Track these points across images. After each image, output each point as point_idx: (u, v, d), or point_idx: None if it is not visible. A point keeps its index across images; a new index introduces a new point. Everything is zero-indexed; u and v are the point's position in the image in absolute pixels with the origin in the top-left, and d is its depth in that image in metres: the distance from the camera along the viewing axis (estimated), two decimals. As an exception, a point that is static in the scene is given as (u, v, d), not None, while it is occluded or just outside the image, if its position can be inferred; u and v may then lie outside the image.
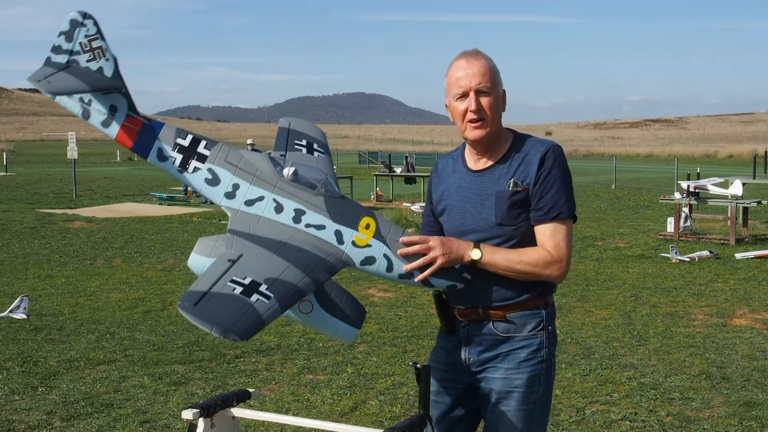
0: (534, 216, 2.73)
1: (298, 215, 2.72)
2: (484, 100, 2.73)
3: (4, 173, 36.97)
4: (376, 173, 24.80)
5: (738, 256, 12.13)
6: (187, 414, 2.89)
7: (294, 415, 5.22)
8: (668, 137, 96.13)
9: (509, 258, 2.70)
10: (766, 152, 26.38)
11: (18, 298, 8.20)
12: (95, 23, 2.75)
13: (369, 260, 2.70)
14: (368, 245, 2.70)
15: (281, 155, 3.14)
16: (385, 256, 2.69)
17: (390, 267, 2.69)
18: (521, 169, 2.75)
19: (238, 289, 2.41)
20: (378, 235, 2.70)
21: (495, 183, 2.77)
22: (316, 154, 3.27)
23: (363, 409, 5.54)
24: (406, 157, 25.38)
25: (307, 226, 2.71)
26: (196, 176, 2.80)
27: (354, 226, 2.71)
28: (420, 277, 2.67)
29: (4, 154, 42.69)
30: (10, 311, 8.04)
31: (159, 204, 22.51)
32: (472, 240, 2.76)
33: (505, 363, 2.79)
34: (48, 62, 2.74)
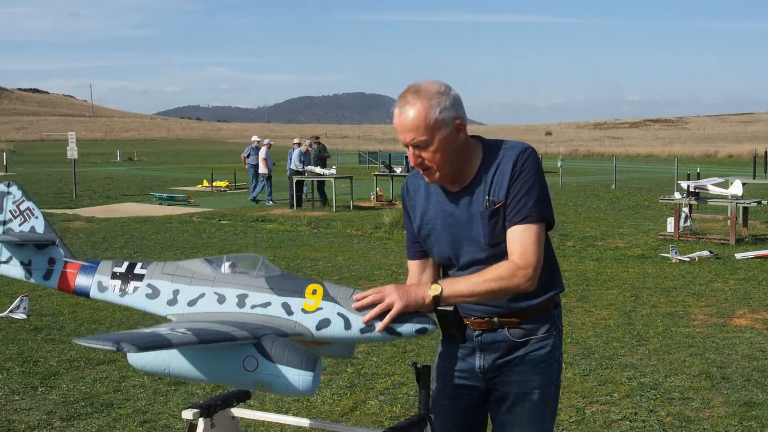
0: (507, 221, 2.66)
1: (242, 299, 2.67)
2: (424, 153, 2.63)
3: (4, 173, 36.97)
4: (376, 173, 24.79)
5: (738, 256, 12.12)
6: (187, 414, 2.90)
7: (294, 415, 5.22)
8: (668, 137, 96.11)
9: (471, 282, 2.59)
10: (766, 152, 26.37)
11: (18, 298, 8.20)
12: (19, 187, 3.08)
13: (324, 323, 2.59)
14: (319, 308, 2.60)
15: (279, 269, 3.19)
16: (340, 314, 2.58)
17: (348, 324, 2.57)
18: (496, 182, 2.67)
19: (151, 330, 2.38)
20: (327, 297, 2.61)
21: (476, 203, 2.69)
22: None
23: (363, 409, 5.55)
24: (406, 157, 25.32)
25: (253, 307, 2.65)
26: (137, 295, 2.83)
27: (300, 294, 2.63)
28: (381, 325, 2.53)
29: (4, 154, 42.70)
30: (10, 311, 8.04)
31: (159, 204, 22.52)
32: (467, 261, 2.72)
33: (521, 366, 2.79)
34: None
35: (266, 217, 18.73)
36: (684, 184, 14.79)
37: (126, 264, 2.90)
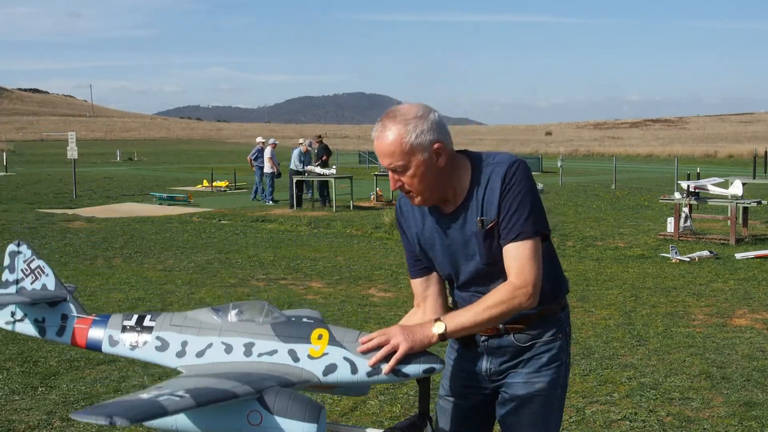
0: (501, 239, 2.64)
1: (248, 348, 2.70)
2: (403, 178, 2.62)
3: (4, 173, 36.96)
4: (376, 173, 24.77)
5: (738, 256, 12.12)
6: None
7: (294, 415, 5.21)
8: (668, 137, 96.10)
9: (473, 311, 2.59)
10: (766, 152, 26.38)
11: (18, 298, 8.19)
12: (28, 246, 3.18)
13: (330, 368, 2.61)
14: (325, 353, 2.61)
15: (284, 314, 3.21)
16: (346, 359, 2.59)
17: (354, 368, 2.59)
18: (487, 201, 2.63)
19: (150, 395, 2.36)
20: (333, 341, 2.62)
21: (470, 223, 2.67)
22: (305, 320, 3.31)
23: (363, 409, 5.54)
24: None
25: (260, 355, 2.68)
26: (147, 349, 2.90)
27: (306, 340, 2.65)
28: (387, 367, 2.54)
29: (4, 154, 42.69)
30: (10, 311, 8.03)
31: (159, 204, 22.51)
32: (466, 278, 2.72)
33: (527, 368, 2.79)
34: (2, 294, 3.18)
35: (266, 217, 18.73)
36: (684, 184, 14.79)
37: (135, 317, 2.96)
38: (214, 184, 28.88)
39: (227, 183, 29.25)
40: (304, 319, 2.77)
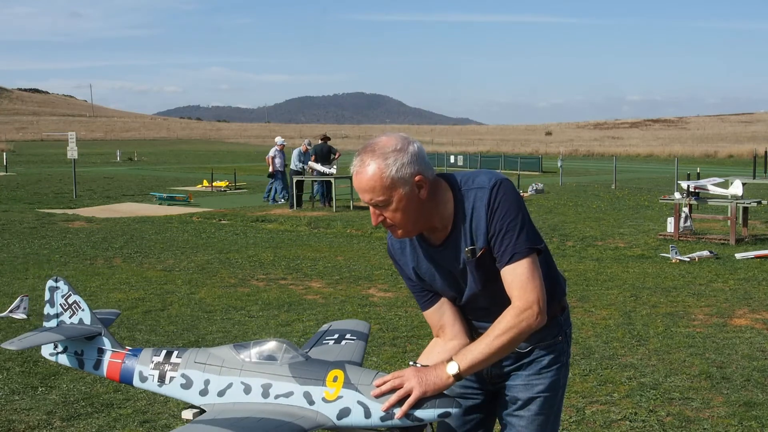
0: (497, 263, 2.62)
1: (266, 390, 2.77)
2: (385, 212, 2.59)
3: (4, 173, 36.97)
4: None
5: (738, 256, 12.12)
6: (187, 414, 2.91)
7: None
8: (668, 137, 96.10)
9: (484, 343, 2.57)
10: (766, 152, 26.36)
11: (18, 298, 8.19)
12: (65, 282, 3.34)
13: (344, 412, 2.64)
14: (339, 397, 2.64)
15: (303, 354, 3.25)
16: (360, 402, 2.61)
17: (368, 413, 2.61)
18: (475, 228, 2.61)
19: None
20: (347, 384, 2.64)
21: (462, 252, 2.66)
22: (344, 342, 3.36)
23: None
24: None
25: (276, 397, 2.74)
26: (173, 385, 3.00)
27: (321, 382, 2.69)
28: (400, 412, 2.54)
29: (4, 154, 42.70)
30: (10, 311, 8.04)
31: (159, 204, 22.52)
32: (469, 296, 2.71)
33: (528, 370, 2.80)
34: (44, 329, 3.31)
35: (266, 217, 18.73)
36: (684, 184, 14.78)
37: (164, 352, 3.08)
38: (214, 184, 28.89)
39: (227, 183, 29.26)
40: (343, 335, 2.79)
